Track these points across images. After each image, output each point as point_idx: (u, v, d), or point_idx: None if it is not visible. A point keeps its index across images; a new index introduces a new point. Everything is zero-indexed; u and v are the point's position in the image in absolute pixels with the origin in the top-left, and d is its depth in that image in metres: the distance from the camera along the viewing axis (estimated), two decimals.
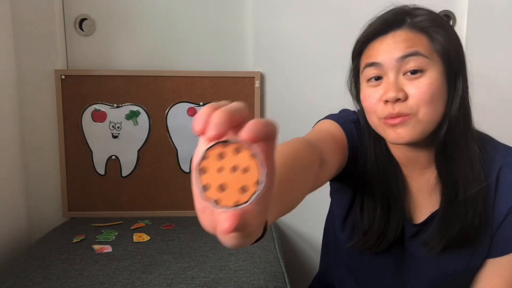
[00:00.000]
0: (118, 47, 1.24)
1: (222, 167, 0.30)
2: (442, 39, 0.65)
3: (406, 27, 0.66)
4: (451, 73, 0.66)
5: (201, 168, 0.31)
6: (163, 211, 1.24)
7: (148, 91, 1.21)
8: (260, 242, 0.38)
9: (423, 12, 0.68)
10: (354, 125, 0.77)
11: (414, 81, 0.63)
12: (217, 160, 0.30)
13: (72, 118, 1.21)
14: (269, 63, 1.25)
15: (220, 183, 0.30)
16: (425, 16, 0.67)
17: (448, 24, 0.69)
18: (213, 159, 0.30)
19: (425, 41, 0.65)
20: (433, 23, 0.66)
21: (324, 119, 0.81)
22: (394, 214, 0.71)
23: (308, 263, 1.35)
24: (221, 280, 0.85)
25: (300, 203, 1.24)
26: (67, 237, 1.07)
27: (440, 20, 0.68)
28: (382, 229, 0.71)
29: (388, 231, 0.72)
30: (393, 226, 0.71)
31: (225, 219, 0.30)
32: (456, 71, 0.67)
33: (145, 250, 0.99)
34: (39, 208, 1.25)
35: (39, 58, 1.19)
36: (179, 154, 1.24)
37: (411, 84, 0.63)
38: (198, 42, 1.25)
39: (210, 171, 0.30)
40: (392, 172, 0.73)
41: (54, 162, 1.23)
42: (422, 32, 0.65)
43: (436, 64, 0.64)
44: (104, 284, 0.84)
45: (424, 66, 0.63)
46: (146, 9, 1.23)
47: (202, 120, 0.30)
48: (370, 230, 0.72)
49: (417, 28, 0.66)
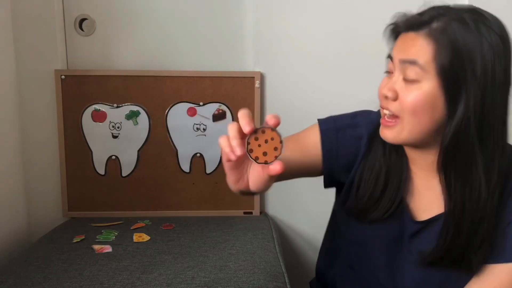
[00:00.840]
0: (118, 47, 1.24)
1: (260, 143, 0.55)
2: (445, 55, 0.62)
3: (423, 32, 0.64)
4: (452, 89, 0.63)
5: (249, 149, 0.54)
6: (163, 211, 1.24)
7: (148, 91, 1.21)
8: (260, 242, 0.46)
9: (447, 18, 0.64)
10: (339, 133, 0.83)
11: (408, 86, 0.65)
12: (255, 141, 0.54)
13: (72, 118, 1.21)
14: (269, 63, 1.25)
15: (263, 151, 0.55)
16: (445, 23, 0.63)
17: (479, 39, 0.63)
18: (252, 142, 0.54)
19: (430, 51, 0.63)
20: (447, 34, 0.62)
21: (315, 124, 0.87)
22: (390, 188, 0.74)
23: (308, 263, 1.35)
24: (221, 280, 0.85)
25: (300, 204, 1.28)
26: (67, 237, 1.07)
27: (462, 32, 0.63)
28: (376, 198, 0.74)
29: (382, 201, 0.74)
30: (386, 198, 0.74)
31: (275, 165, 0.54)
32: (458, 89, 0.63)
33: (145, 250, 0.99)
34: (39, 208, 1.25)
35: (39, 58, 1.19)
36: (179, 154, 1.24)
37: (405, 88, 0.65)
38: (198, 42, 1.25)
39: (254, 148, 0.54)
40: (398, 163, 0.75)
41: (54, 162, 1.23)
42: (434, 41, 0.63)
43: (431, 78, 0.63)
44: (104, 284, 0.84)
45: (418, 77, 0.64)
46: (146, 9, 1.23)
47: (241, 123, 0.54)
48: (363, 196, 0.76)
49: (431, 36, 0.63)
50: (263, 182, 0.57)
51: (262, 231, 1.13)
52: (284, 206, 1.31)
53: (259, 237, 1.08)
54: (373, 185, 0.75)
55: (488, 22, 0.64)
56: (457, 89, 0.63)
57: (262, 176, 0.57)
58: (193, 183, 1.25)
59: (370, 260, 0.81)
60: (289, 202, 1.30)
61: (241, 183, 0.59)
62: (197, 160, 1.24)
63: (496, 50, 0.63)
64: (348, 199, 0.81)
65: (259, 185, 0.58)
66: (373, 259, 0.80)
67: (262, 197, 1.29)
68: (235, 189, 0.62)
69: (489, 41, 0.63)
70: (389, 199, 0.74)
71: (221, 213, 1.25)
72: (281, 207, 1.31)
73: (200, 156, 1.24)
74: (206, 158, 1.24)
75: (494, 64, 0.63)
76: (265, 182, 0.57)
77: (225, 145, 0.53)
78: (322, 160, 0.82)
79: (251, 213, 1.26)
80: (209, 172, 1.25)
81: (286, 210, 1.31)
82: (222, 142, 0.54)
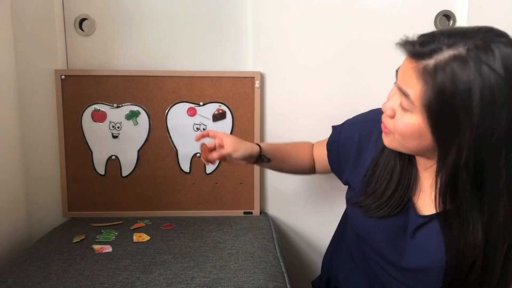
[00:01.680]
0: (118, 47, 1.24)
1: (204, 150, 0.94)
2: (431, 97, 0.61)
3: (421, 65, 0.62)
4: (441, 132, 0.62)
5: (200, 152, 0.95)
6: (163, 211, 1.25)
7: (148, 91, 1.21)
8: (260, 242, 0.53)
9: (449, 55, 0.60)
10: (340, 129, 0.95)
11: (402, 112, 0.67)
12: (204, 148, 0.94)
13: (72, 118, 1.21)
14: (269, 63, 1.25)
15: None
16: (443, 62, 0.60)
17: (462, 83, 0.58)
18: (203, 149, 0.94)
19: (419, 90, 0.62)
20: (440, 77, 0.60)
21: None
22: (400, 189, 0.75)
23: (308, 263, 1.35)
24: (221, 280, 0.85)
25: (301, 204, 1.30)
26: (67, 237, 1.07)
27: (453, 74, 0.59)
28: (388, 196, 0.76)
29: (392, 200, 0.75)
30: (397, 197, 0.75)
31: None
32: (449, 133, 0.61)
33: (145, 250, 0.99)
34: (39, 208, 1.25)
35: (39, 58, 1.19)
36: (179, 154, 1.24)
37: (400, 112, 0.67)
38: (198, 42, 1.25)
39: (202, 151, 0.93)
40: (410, 161, 0.76)
41: (54, 162, 1.23)
42: (423, 81, 0.62)
43: (419, 113, 0.63)
44: (104, 284, 0.84)
45: (409, 108, 0.65)
46: (146, 9, 1.23)
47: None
48: (375, 192, 0.78)
49: (424, 74, 0.62)
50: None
51: (262, 231, 1.13)
52: (284, 206, 1.31)
53: (259, 237, 1.08)
54: (386, 183, 0.76)
55: (493, 62, 0.58)
56: (447, 132, 0.61)
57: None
58: (193, 183, 1.25)
59: (372, 251, 0.82)
60: (289, 202, 1.30)
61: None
62: (197, 160, 1.24)
63: (497, 96, 0.57)
64: (358, 192, 0.82)
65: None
66: (376, 249, 0.80)
67: (262, 197, 1.30)
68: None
69: (489, 85, 0.57)
70: (400, 197, 0.75)
71: (221, 213, 1.25)
72: (281, 207, 1.31)
73: (200, 156, 1.24)
74: None
75: (494, 111, 0.58)
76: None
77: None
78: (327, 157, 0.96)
79: (251, 213, 1.26)
80: (209, 172, 1.25)
81: (286, 210, 1.31)
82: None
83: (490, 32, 0.61)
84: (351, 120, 0.95)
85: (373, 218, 0.78)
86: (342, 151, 0.91)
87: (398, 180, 0.75)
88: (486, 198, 0.63)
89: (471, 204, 0.64)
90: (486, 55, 0.58)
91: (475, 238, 0.64)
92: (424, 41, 0.63)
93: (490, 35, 0.60)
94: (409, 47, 0.65)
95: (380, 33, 1.23)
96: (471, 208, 0.64)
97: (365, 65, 1.24)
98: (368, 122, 0.87)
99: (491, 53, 0.58)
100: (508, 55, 0.59)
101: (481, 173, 0.62)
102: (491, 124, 0.58)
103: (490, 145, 0.60)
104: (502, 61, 0.58)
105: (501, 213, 0.63)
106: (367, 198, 0.79)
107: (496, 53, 0.58)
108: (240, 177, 1.25)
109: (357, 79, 1.25)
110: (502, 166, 0.61)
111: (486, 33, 0.61)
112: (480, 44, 0.59)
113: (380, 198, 0.77)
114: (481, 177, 0.62)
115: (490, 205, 0.63)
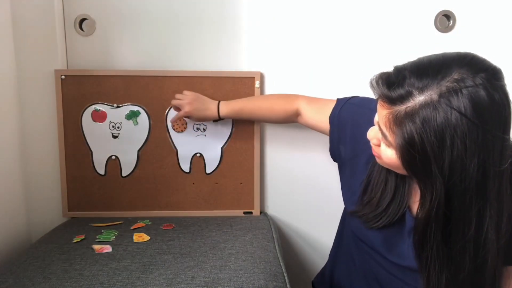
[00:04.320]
0: (118, 47, 1.24)
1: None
2: (402, 145, 0.59)
3: (393, 110, 0.60)
4: (418, 176, 0.61)
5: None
6: (163, 211, 1.25)
7: (148, 91, 1.21)
8: (260, 242, 0.49)
9: (419, 102, 0.56)
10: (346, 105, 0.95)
11: (383, 143, 0.66)
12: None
13: (72, 118, 1.21)
14: (269, 63, 1.25)
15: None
16: (412, 110, 0.57)
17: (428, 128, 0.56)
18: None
19: (393, 135, 0.61)
20: (408, 129, 0.57)
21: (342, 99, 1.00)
22: (396, 198, 0.74)
23: (308, 263, 1.35)
24: (221, 280, 0.85)
25: (301, 204, 1.29)
26: (67, 237, 1.07)
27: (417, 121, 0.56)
28: (384, 206, 0.75)
29: (388, 211, 0.74)
30: (394, 208, 0.74)
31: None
32: (425, 179, 0.59)
33: (145, 250, 0.99)
34: (39, 208, 1.25)
35: (39, 58, 1.19)
36: (179, 154, 1.24)
37: (383, 144, 0.67)
38: (198, 42, 1.25)
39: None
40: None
41: (54, 162, 1.23)
42: (395, 124, 0.59)
43: (396, 152, 0.63)
44: (104, 284, 0.84)
45: (389, 145, 0.65)
46: (146, 9, 1.23)
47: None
48: (370, 203, 0.76)
49: (395, 119, 0.59)
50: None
51: (262, 231, 1.13)
52: (284, 206, 1.31)
53: (259, 237, 1.08)
54: (381, 192, 0.75)
55: (465, 108, 0.53)
56: (422, 178, 0.60)
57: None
58: (193, 183, 1.25)
59: (371, 249, 0.82)
60: (289, 202, 1.30)
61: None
62: (197, 160, 1.24)
63: (469, 144, 0.54)
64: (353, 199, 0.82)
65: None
66: (375, 249, 0.80)
67: (262, 197, 1.30)
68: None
69: (460, 133, 0.53)
70: (397, 207, 0.74)
71: (221, 213, 1.25)
72: (281, 207, 1.31)
73: (200, 156, 1.24)
74: (206, 158, 1.24)
75: (465, 160, 0.54)
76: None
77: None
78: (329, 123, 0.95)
79: (251, 213, 1.26)
80: (209, 172, 1.25)
81: (286, 210, 1.31)
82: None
83: (468, 67, 0.56)
84: (355, 100, 0.95)
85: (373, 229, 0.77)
86: (341, 129, 0.92)
87: (394, 191, 0.73)
88: (453, 251, 0.60)
89: (437, 258, 0.62)
90: (458, 100, 0.54)
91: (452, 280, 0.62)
92: (394, 86, 0.59)
93: (467, 72, 0.55)
94: (379, 90, 0.61)
95: (380, 33, 1.23)
96: (437, 261, 0.62)
97: (365, 65, 1.24)
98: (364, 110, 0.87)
99: (464, 98, 0.54)
100: (482, 100, 0.54)
101: (450, 222, 0.59)
102: (463, 174, 0.55)
103: (461, 195, 0.57)
104: (475, 106, 0.54)
105: (465, 268, 0.61)
106: (364, 208, 0.78)
107: (470, 98, 0.54)
108: (240, 177, 1.25)
109: (357, 79, 1.25)
110: (472, 216, 0.58)
111: (463, 70, 0.55)
112: (452, 87, 0.54)
113: (377, 209, 0.75)
114: (450, 228, 0.59)
115: (456, 259, 0.61)
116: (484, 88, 0.54)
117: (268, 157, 1.29)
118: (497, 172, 0.56)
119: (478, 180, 0.56)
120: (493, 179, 0.57)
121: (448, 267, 0.61)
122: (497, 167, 0.56)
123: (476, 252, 0.60)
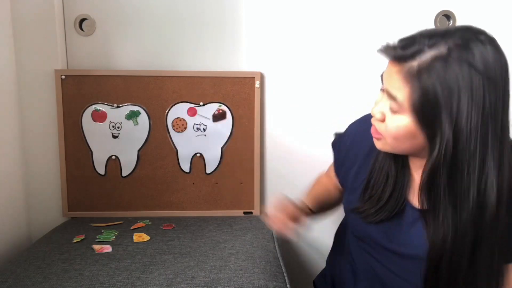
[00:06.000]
0: (118, 47, 1.24)
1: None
2: (417, 98, 0.62)
3: (405, 68, 0.63)
4: (428, 128, 0.64)
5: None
6: (163, 211, 1.25)
7: (148, 91, 1.21)
8: (260, 242, 0.50)
9: (431, 56, 0.61)
10: (339, 138, 0.94)
11: (392, 115, 0.68)
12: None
13: (72, 118, 1.21)
14: (269, 63, 1.25)
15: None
16: (427, 63, 0.61)
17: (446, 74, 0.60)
18: None
19: (405, 92, 0.63)
20: (424, 78, 0.61)
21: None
22: (395, 193, 0.76)
23: (308, 263, 1.35)
24: (221, 280, 0.85)
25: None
26: (67, 237, 1.07)
27: (434, 71, 0.60)
28: (385, 200, 0.77)
29: (389, 203, 0.76)
30: (393, 200, 0.76)
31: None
32: (434, 130, 0.63)
33: (145, 250, 0.99)
34: (39, 208, 1.25)
35: (39, 58, 1.19)
36: (179, 154, 1.24)
37: (390, 115, 0.68)
38: (198, 42, 1.25)
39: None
40: (398, 163, 0.77)
41: (54, 162, 1.23)
42: (409, 83, 0.63)
43: (408, 114, 0.65)
44: (104, 284, 0.84)
45: (399, 111, 0.66)
46: (146, 9, 1.23)
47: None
48: (371, 199, 0.78)
49: (408, 76, 0.63)
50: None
51: (262, 231, 1.13)
52: None
53: (259, 237, 1.08)
54: (382, 187, 0.77)
55: (473, 60, 0.60)
56: (432, 129, 0.64)
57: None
58: (193, 183, 1.25)
59: (370, 247, 0.83)
60: None
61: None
62: (197, 160, 1.24)
63: (475, 94, 0.60)
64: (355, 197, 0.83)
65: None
66: (374, 244, 0.81)
67: (262, 197, 1.30)
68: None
69: (468, 84, 0.60)
70: (395, 200, 0.76)
71: (221, 213, 1.25)
72: None
73: (200, 156, 1.24)
74: (206, 158, 1.24)
75: (471, 110, 0.61)
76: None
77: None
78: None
79: (251, 213, 1.26)
80: (209, 172, 1.25)
81: None
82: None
83: (469, 31, 0.63)
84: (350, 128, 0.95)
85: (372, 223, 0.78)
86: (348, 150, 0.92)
87: (393, 184, 0.76)
88: (458, 192, 0.65)
89: (444, 200, 0.66)
90: (467, 53, 0.61)
91: (446, 232, 0.66)
92: (405, 44, 0.64)
93: (469, 33, 0.62)
94: (391, 51, 0.66)
95: (380, 33, 1.23)
96: (444, 204, 0.66)
97: (365, 64, 1.24)
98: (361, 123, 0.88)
99: (471, 51, 0.61)
100: (487, 53, 0.61)
101: (456, 166, 0.64)
102: (467, 124, 0.61)
103: (466, 141, 0.62)
104: (482, 59, 0.61)
105: (469, 207, 0.65)
106: (364, 204, 0.80)
107: (476, 51, 0.61)
108: (240, 177, 1.25)
109: (357, 79, 1.25)
110: (477, 160, 0.63)
111: (465, 32, 0.63)
112: (460, 43, 0.61)
113: (377, 203, 0.77)
114: (456, 170, 0.64)
115: (461, 199, 0.65)
116: (489, 42, 0.62)
117: (268, 157, 1.29)
118: (499, 123, 0.63)
119: (481, 128, 0.62)
120: (495, 129, 0.63)
121: (454, 204, 0.65)
122: (500, 118, 0.63)
123: (478, 194, 0.64)
